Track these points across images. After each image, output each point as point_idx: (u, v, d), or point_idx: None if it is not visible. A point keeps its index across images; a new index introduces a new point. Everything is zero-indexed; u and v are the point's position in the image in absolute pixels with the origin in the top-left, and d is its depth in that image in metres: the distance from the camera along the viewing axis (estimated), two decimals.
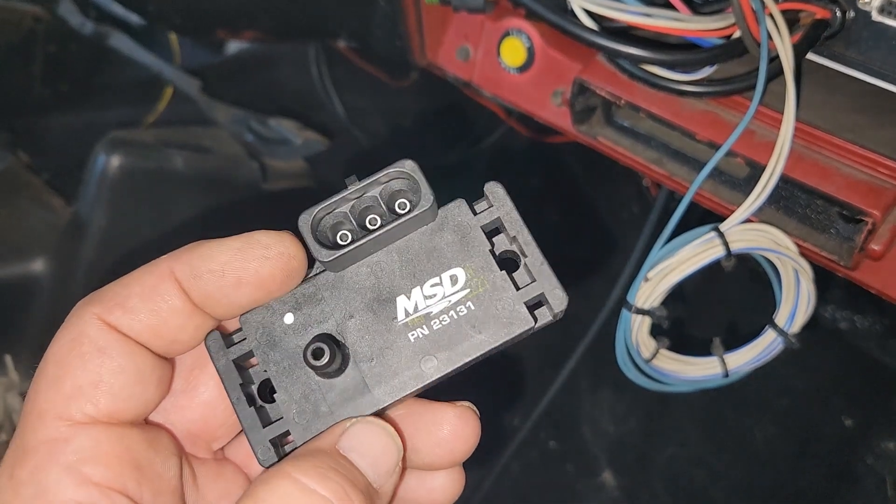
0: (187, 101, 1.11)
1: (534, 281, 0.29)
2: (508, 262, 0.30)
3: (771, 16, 0.45)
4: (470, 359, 0.29)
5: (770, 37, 0.45)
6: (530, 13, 0.52)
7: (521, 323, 0.29)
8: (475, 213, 0.30)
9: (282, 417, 0.30)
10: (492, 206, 0.30)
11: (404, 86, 1.16)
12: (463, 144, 1.22)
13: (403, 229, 0.30)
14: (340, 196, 0.30)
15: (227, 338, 0.31)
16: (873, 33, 0.46)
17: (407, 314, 0.29)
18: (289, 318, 0.30)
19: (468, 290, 0.29)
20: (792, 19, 0.47)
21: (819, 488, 0.86)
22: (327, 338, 0.29)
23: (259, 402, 0.30)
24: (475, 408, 0.32)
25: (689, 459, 0.95)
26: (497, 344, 0.29)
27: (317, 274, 0.31)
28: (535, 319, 0.29)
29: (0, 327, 0.90)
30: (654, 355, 0.53)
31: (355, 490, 0.27)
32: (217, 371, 0.30)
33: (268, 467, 0.29)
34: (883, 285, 0.48)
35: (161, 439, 0.30)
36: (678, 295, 0.52)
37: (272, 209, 1.03)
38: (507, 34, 0.64)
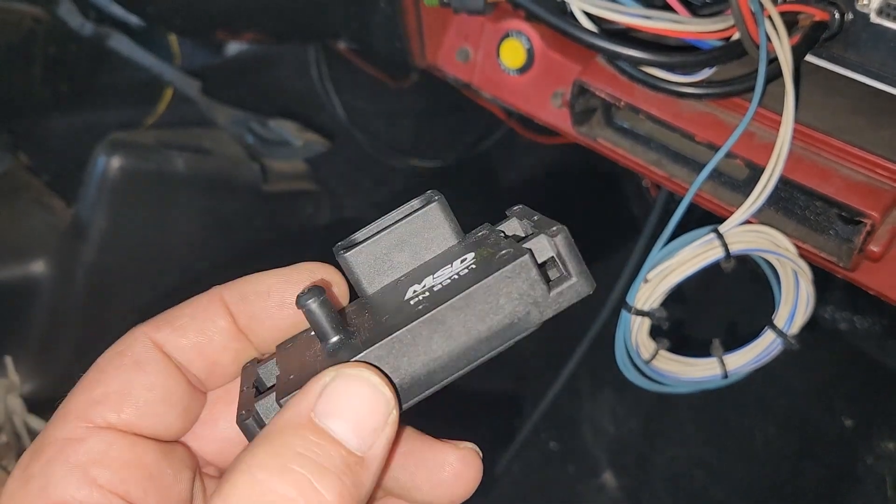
0: (187, 103, 1.11)
1: (538, 231, 0.29)
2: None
3: (770, 18, 0.45)
4: (459, 295, 0.26)
5: (769, 39, 0.45)
6: (530, 15, 0.52)
7: (516, 254, 0.27)
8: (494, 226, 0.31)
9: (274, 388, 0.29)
10: (510, 216, 0.31)
11: (404, 87, 1.16)
12: (462, 146, 1.23)
13: (416, 231, 0.30)
14: (373, 224, 0.31)
15: (260, 362, 0.32)
16: (872, 35, 0.46)
17: (414, 293, 0.28)
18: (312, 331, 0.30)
19: (475, 260, 0.28)
20: (791, 21, 0.47)
21: (819, 488, 0.86)
22: (313, 287, 0.27)
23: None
24: (478, 449, 0.32)
25: (689, 460, 0.96)
26: (493, 282, 0.26)
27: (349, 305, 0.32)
28: (530, 249, 0.27)
29: (0, 329, 0.90)
30: (654, 356, 0.53)
31: (330, 477, 0.24)
32: (241, 382, 0.31)
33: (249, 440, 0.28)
34: (882, 286, 0.48)
35: (176, 452, 0.30)
36: (678, 296, 0.52)
37: (273, 210, 1.03)
38: (506, 36, 0.64)
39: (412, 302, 0.27)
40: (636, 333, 0.52)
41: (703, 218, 0.52)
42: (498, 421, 1.05)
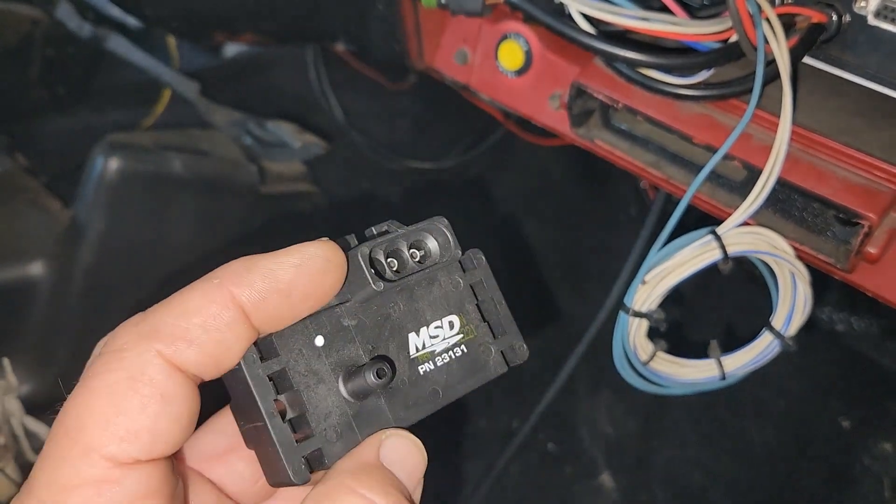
0: (185, 104, 1.11)
1: (505, 333, 0.38)
2: (489, 314, 0.38)
3: (767, 20, 0.45)
4: (463, 394, 0.36)
5: (766, 41, 0.45)
6: (528, 17, 0.52)
7: (499, 367, 0.37)
8: (464, 271, 0.37)
9: (313, 435, 0.31)
10: (475, 268, 0.38)
11: (402, 89, 1.16)
12: (461, 148, 1.23)
13: (430, 280, 0.36)
14: (392, 236, 0.35)
15: (263, 353, 0.31)
16: (869, 37, 0.46)
17: (417, 350, 0.35)
18: (319, 341, 0.32)
19: (462, 336, 0.36)
20: (788, 23, 0.47)
21: (816, 489, 0.87)
22: (384, 359, 0.33)
23: (289, 415, 0.31)
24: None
25: (687, 461, 0.96)
26: (482, 383, 0.37)
27: (340, 303, 0.33)
28: (508, 365, 0.38)
29: None
30: (652, 358, 0.53)
31: None
32: (250, 383, 0.30)
33: (300, 484, 0.30)
34: (879, 288, 0.48)
35: (172, 461, 0.30)
36: (675, 298, 0.52)
37: (271, 212, 1.03)
38: (504, 37, 0.64)
39: (421, 371, 0.35)
40: (634, 335, 0.52)
41: (700, 219, 0.52)
42: (496, 422, 1.05)
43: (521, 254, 1.12)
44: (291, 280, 0.29)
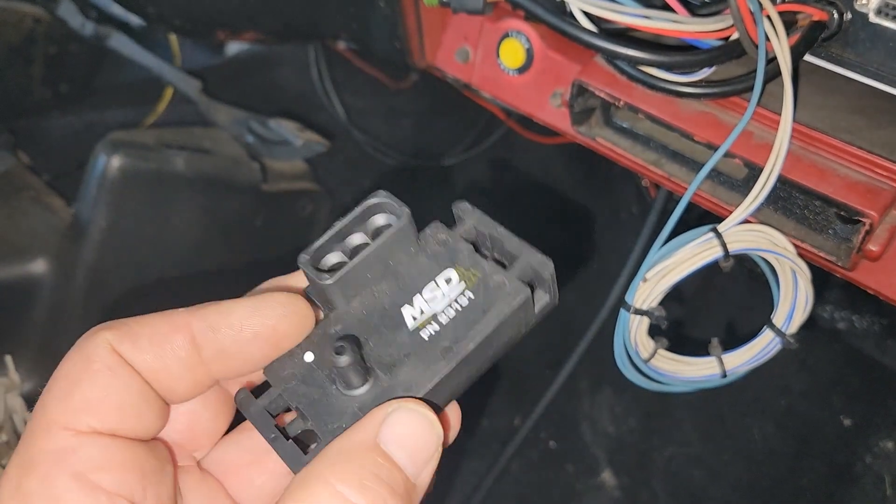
0: (187, 103, 1.12)
1: (516, 258, 0.32)
2: (491, 250, 0.33)
3: (768, 17, 0.45)
4: (482, 336, 0.30)
5: (768, 38, 0.45)
6: (529, 15, 0.52)
7: (519, 292, 0.31)
8: (449, 228, 0.33)
9: (320, 440, 0.30)
10: (463, 219, 0.33)
11: (404, 87, 1.17)
12: (462, 146, 1.23)
13: (389, 249, 0.32)
14: (331, 233, 0.32)
15: (255, 391, 0.32)
16: (870, 35, 0.46)
17: (415, 319, 0.31)
18: (308, 357, 0.31)
19: (463, 285, 0.31)
20: (789, 21, 0.47)
21: (818, 487, 0.87)
22: (346, 338, 0.30)
23: (293, 433, 0.31)
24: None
25: (688, 459, 0.96)
26: (503, 317, 0.30)
27: (325, 318, 0.32)
28: (532, 288, 0.31)
29: (1, 328, 0.90)
30: (653, 355, 0.53)
31: (394, 497, 0.27)
32: (251, 420, 0.31)
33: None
34: (880, 285, 0.48)
35: (158, 448, 0.31)
36: (677, 296, 0.52)
37: (272, 210, 1.03)
38: (506, 36, 0.64)
39: (425, 336, 0.30)
40: (635, 332, 0.52)
41: (702, 217, 0.52)
42: (497, 420, 1.05)
43: None
44: (244, 317, 0.30)
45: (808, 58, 0.50)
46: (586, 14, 0.49)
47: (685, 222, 0.49)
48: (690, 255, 0.49)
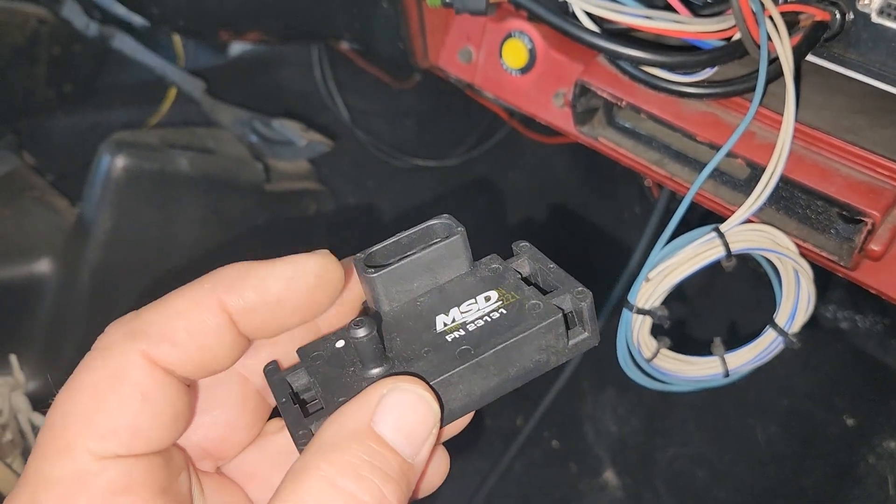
0: (191, 103, 1.12)
1: (557, 288, 0.32)
2: (536, 279, 0.34)
3: (771, 18, 0.45)
4: (501, 346, 0.30)
5: (770, 39, 0.45)
6: (532, 15, 0.53)
7: (550, 314, 0.31)
8: (504, 259, 0.34)
9: (322, 408, 0.30)
10: (519, 254, 0.34)
11: (407, 88, 1.17)
12: (465, 146, 1.23)
13: (438, 261, 0.33)
14: (390, 241, 0.33)
15: (285, 369, 0.33)
16: (872, 35, 0.46)
17: (445, 325, 0.31)
18: (339, 343, 0.32)
19: (500, 303, 0.32)
20: (791, 21, 0.47)
21: (821, 487, 0.87)
22: (369, 317, 0.30)
23: (303, 404, 0.31)
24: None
25: (691, 459, 0.96)
26: (527, 333, 0.30)
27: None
28: (567, 317, 0.31)
29: (5, 327, 0.90)
30: (655, 355, 0.53)
31: (392, 484, 0.26)
32: (270, 385, 0.31)
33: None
34: (882, 285, 0.48)
35: (174, 456, 0.30)
36: (679, 295, 0.52)
37: (276, 209, 1.03)
38: (508, 36, 0.64)
39: (449, 339, 0.31)
40: (638, 332, 0.52)
41: (704, 217, 0.52)
42: (500, 420, 1.06)
43: None
44: (281, 293, 0.29)
45: (810, 58, 0.50)
46: (588, 14, 0.49)
47: (687, 222, 0.49)
48: (693, 254, 0.49)
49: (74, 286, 0.90)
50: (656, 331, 0.53)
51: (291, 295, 0.30)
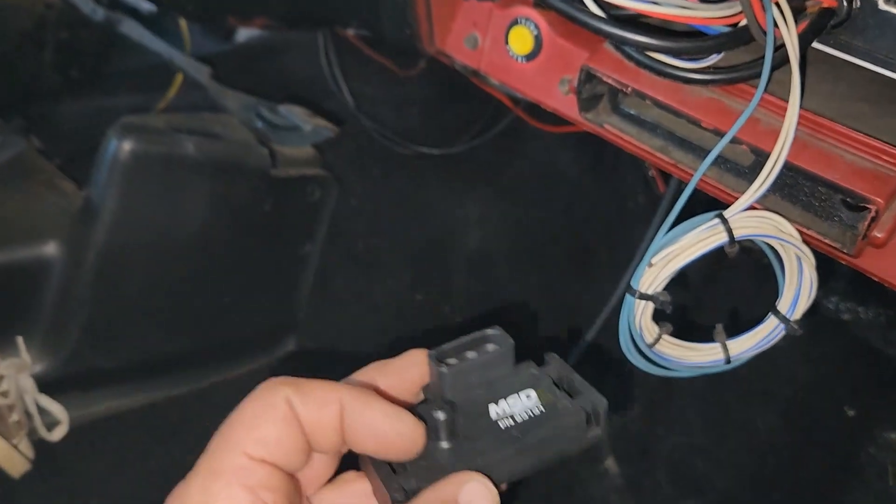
0: (197, 88, 1.12)
1: (582, 393, 0.43)
2: (564, 385, 0.44)
3: (777, 4, 0.45)
4: (543, 435, 0.40)
5: (776, 25, 0.45)
6: (538, 1, 0.53)
7: (578, 414, 0.41)
8: (540, 366, 0.44)
9: (407, 471, 0.39)
10: (549, 363, 0.45)
11: (412, 75, 1.17)
12: (469, 133, 1.23)
13: (492, 364, 0.42)
14: (454, 344, 0.42)
15: None
16: (879, 22, 0.47)
17: (497, 414, 0.41)
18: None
19: (539, 402, 0.42)
20: (798, 8, 0.47)
21: (821, 477, 0.87)
22: (446, 403, 0.40)
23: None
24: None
25: (691, 448, 0.96)
26: (561, 428, 0.41)
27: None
28: (588, 416, 0.41)
29: (13, 310, 0.91)
30: (657, 341, 0.54)
31: None
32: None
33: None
34: (885, 273, 0.48)
35: (296, 481, 0.40)
36: (682, 282, 0.53)
37: (281, 194, 1.04)
38: (515, 22, 0.64)
39: (501, 426, 0.41)
40: (640, 317, 0.52)
41: (708, 204, 0.52)
42: None
43: (530, 240, 1.13)
44: (372, 437, 0.39)
45: (816, 45, 0.50)
46: (595, 1, 0.49)
47: (691, 209, 0.49)
48: (696, 240, 0.49)
49: (81, 269, 0.91)
50: (658, 316, 0.53)
51: (381, 427, 0.39)
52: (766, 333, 0.53)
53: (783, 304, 0.52)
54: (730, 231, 0.49)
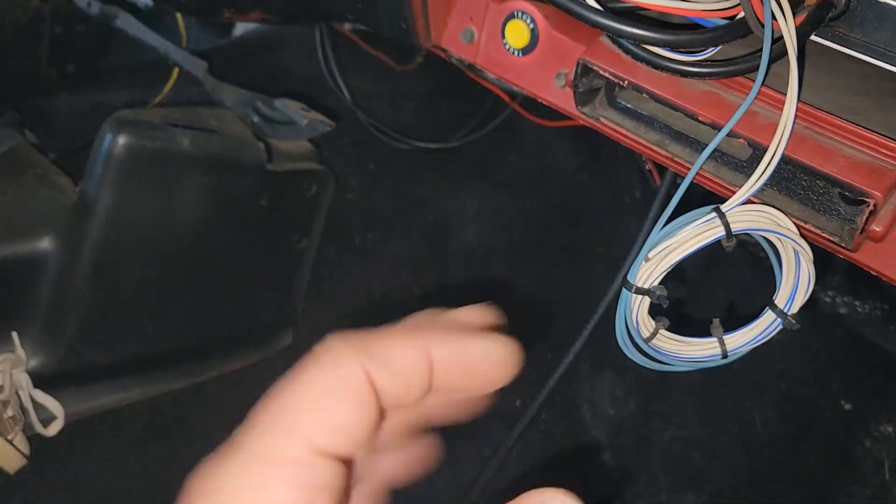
0: (193, 83, 1.12)
1: None
2: None
3: None
4: None
5: (774, 17, 0.45)
6: None
7: None
8: None
9: None
10: None
11: (409, 70, 1.17)
12: (466, 128, 1.23)
13: None
14: None
15: None
16: (878, 15, 0.46)
17: None
18: None
19: None
20: (796, 0, 0.47)
21: (817, 471, 0.87)
22: None
23: None
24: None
25: (687, 442, 0.96)
26: None
27: None
28: None
29: (7, 304, 0.91)
30: (654, 335, 0.53)
31: None
32: None
33: None
34: (883, 267, 0.48)
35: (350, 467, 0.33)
36: (679, 276, 0.53)
37: (277, 189, 1.04)
38: (511, 16, 0.64)
39: None
40: (636, 312, 0.52)
41: (705, 198, 0.52)
42: (499, 402, 1.06)
43: (526, 234, 1.13)
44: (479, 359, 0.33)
45: (814, 38, 0.50)
46: None
47: (688, 203, 0.49)
48: (693, 234, 0.49)
49: (76, 263, 0.90)
50: (655, 311, 0.53)
51: (484, 366, 0.33)
52: (763, 328, 0.53)
53: (780, 299, 0.52)
54: (727, 225, 0.49)
